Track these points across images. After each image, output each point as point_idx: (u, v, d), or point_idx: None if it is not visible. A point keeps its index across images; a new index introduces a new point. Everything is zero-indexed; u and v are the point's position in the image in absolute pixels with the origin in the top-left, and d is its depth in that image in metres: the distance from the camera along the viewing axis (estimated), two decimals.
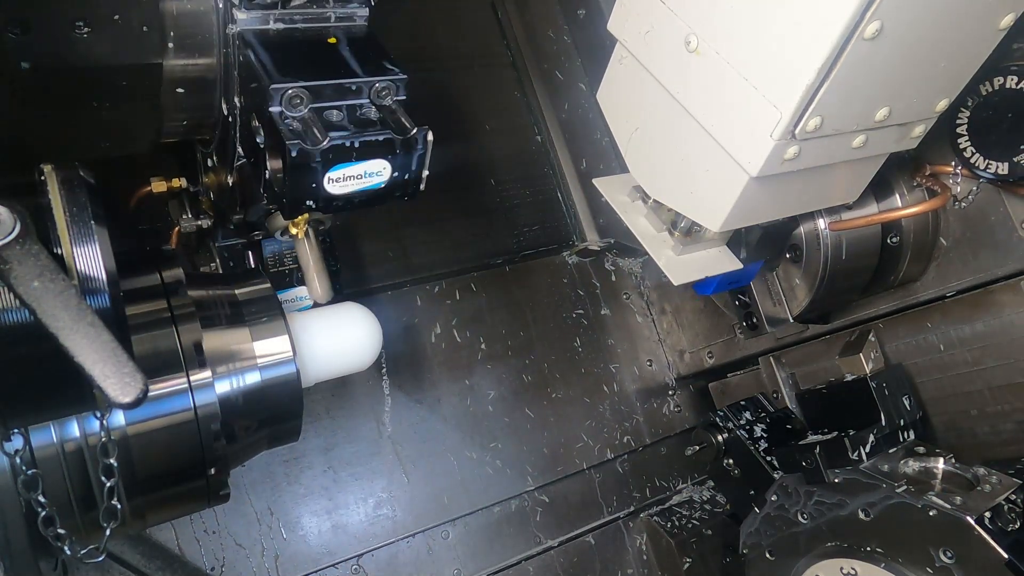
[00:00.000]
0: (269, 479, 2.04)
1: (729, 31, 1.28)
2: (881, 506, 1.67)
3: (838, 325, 2.16)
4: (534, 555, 2.28)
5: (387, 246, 2.34)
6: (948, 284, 1.81)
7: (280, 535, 2.01)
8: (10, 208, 0.91)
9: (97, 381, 0.87)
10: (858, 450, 1.77)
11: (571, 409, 2.44)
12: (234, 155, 1.39)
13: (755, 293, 1.98)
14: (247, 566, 1.96)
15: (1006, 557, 1.47)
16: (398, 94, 1.26)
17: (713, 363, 2.49)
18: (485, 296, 2.42)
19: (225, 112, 1.36)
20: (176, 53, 1.25)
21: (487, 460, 2.28)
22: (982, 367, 1.84)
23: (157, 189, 1.71)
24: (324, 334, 1.47)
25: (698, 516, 2.42)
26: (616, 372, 2.55)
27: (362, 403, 2.19)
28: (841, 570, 1.77)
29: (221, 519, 1.96)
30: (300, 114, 1.17)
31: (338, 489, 2.11)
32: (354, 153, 1.19)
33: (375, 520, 2.13)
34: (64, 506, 1.17)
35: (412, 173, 1.28)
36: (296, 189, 1.19)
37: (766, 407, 2.26)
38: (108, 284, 1.00)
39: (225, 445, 1.30)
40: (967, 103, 1.62)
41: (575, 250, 2.61)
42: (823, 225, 1.80)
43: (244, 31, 1.22)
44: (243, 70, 1.25)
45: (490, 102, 2.62)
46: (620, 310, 2.63)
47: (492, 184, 2.56)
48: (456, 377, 2.31)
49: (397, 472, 2.18)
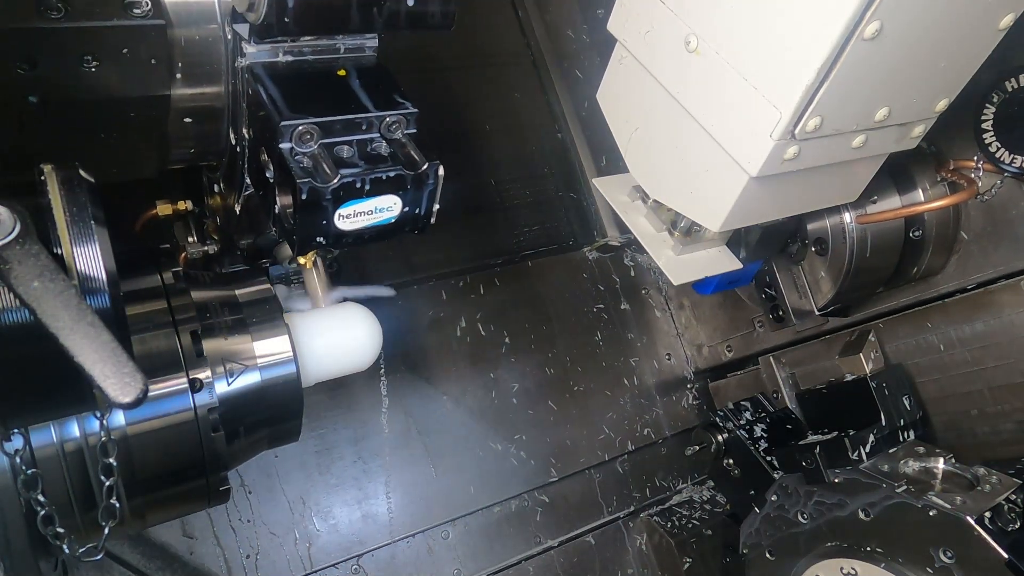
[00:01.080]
0: (301, 469, 2.09)
1: (729, 31, 1.28)
2: (881, 506, 1.67)
3: (838, 325, 2.16)
4: (534, 555, 2.28)
5: (403, 244, 2.38)
6: (969, 277, 1.83)
7: (312, 524, 2.06)
8: (10, 208, 0.91)
9: (97, 381, 0.87)
10: (858, 450, 1.77)
11: (592, 402, 2.49)
12: (242, 183, 1.38)
13: (781, 286, 2.00)
14: (280, 555, 2.01)
15: (1006, 557, 1.47)
16: (408, 127, 1.24)
17: (732, 356, 2.52)
18: (509, 291, 2.47)
19: (233, 142, 1.35)
20: (184, 83, 1.24)
21: (512, 451, 2.33)
22: (982, 367, 1.84)
23: (163, 212, 1.70)
24: (324, 334, 1.46)
25: (698, 516, 2.42)
26: (636, 366, 2.59)
27: (389, 396, 2.23)
28: (841, 570, 1.77)
29: (255, 508, 2.01)
30: (310, 150, 1.16)
31: (368, 480, 2.16)
32: (365, 189, 1.18)
33: (405, 507, 2.18)
34: (64, 506, 1.17)
35: (423, 207, 1.26)
36: (306, 226, 1.18)
37: (766, 407, 2.26)
38: (108, 284, 1.00)
39: (225, 445, 1.30)
40: (992, 99, 1.66)
41: (595, 246, 2.64)
42: (849, 219, 1.81)
43: (253, 64, 1.22)
44: (252, 103, 1.24)
45: (510, 100, 2.67)
46: (639, 305, 2.67)
47: (511, 180, 2.59)
48: (481, 370, 2.37)
49: (424, 463, 2.22)
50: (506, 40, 2.70)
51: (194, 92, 1.27)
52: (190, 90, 1.26)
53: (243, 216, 1.48)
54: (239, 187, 1.40)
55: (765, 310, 2.08)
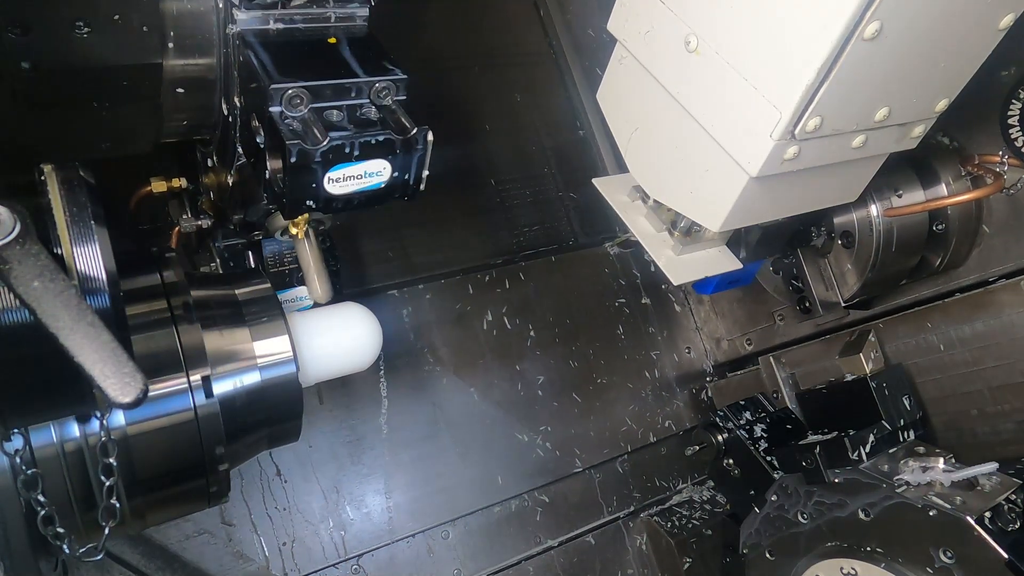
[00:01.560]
0: (334, 459, 2.14)
1: (729, 31, 1.28)
2: (881, 506, 1.67)
3: (838, 325, 2.16)
4: (534, 555, 2.28)
5: (430, 237, 2.43)
6: (989, 270, 1.85)
7: (346, 512, 2.12)
8: (10, 208, 0.91)
9: (97, 381, 0.87)
10: (858, 450, 1.77)
11: (615, 394, 2.53)
12: (234, 155, 1.39)
13: (809, 278, 2.02)
14: (316, 542, 2.06)
15: (1006, 557, 1.47)
16: (398, 94, 1.25)
17: (752, 350, 2.55)
18: (533, 285, 2.53)
19: (225, 112, 1.35)
20: (176, 53, 1.24)
21: (538, 443, 2.38)
22: (982, 367, 1.84)
23: (157, 189, 1.71)
24: (324, 334, 1.47)
25: (698, 516, 2.42)
26: (657, 359, 2.65)
27: (420, 387, 2.29)
28: (841, 570, 1.77)
29: (291, 496, 2.07)
30: (300, 114, 1.17)
31: (397, 468, 2.20)
32: (354, 153, 1.19)
33: (438, 492, 2.22)
34: (64, 506, 1.17)
35: (412, 173, 1.27)
36: (296, 189, 1.19)
37: (766, 407, 2.26)
38: (108, 284, 1.00)
39: (225, 445, 1.29)
40: (1020, 95, 1.69)
41: (617, 241, 2.69)
42: (876, 212, 1.83)
43: (244, 31, 1.22)
44: (243, 70, 1.24)
45: (533, 96, 2.72)
46: (659, 299, 2.73)
47: (532, 176, 2.64)
48: (507, 363, 2.42)
49: (451, 453, 2.27)
50: (528, 38, 2.78)
51: (186, 62, 1.26)
52: (182, 60, 1.26)
53: (235, 189, 1.48)
54: (231, 160, 1.41)
55: (792, 302, 2.11)
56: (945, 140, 1.88)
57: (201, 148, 1.58)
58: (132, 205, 1.73)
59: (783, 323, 2.40)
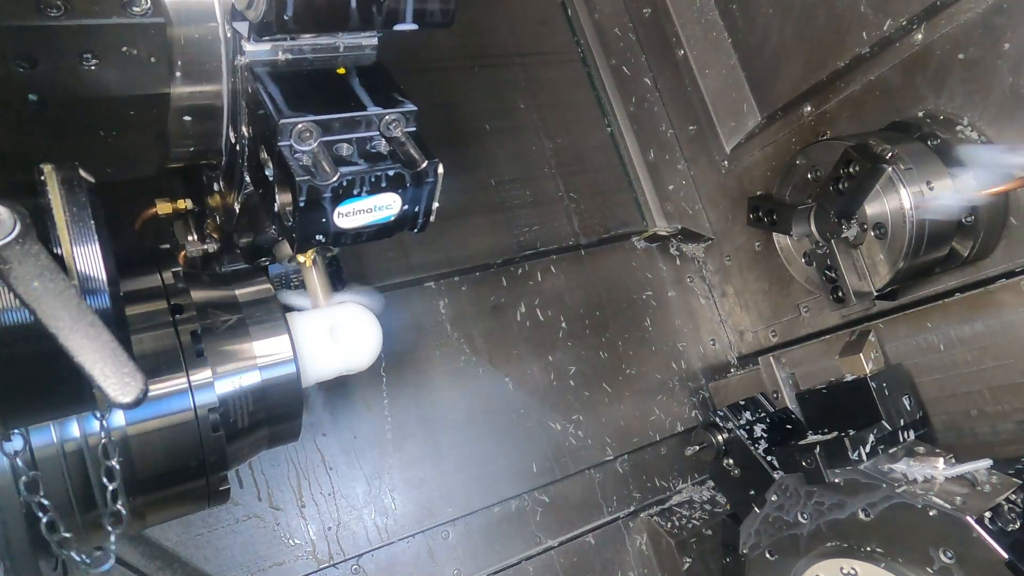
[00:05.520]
0: (377, 447, 2.18)
1: None
2: (881, 506, 1.67)
3: (838, 325, 2.16)
4: (534, 555, 2.28)
5: (467, 231, 2.45)
6: (1016, 261, 1.83)
7: (389, 498, 2.16)
8: (10, 208, 0.91)
9: (97, 381, 0.87)
10: (858, 450, 1.77)
11: (644, 384, 2.59)
12: (241, 182, 1.38)
13: (842, 268, 2.04)
14: (360, 527, 2.11)
15: (1006, 557, 1.47)
16: (408, 125, 1.24)
17: (777, 341, 2.57)
18: (564, 278, 2.58)
19: (232, 140, 1.35)
20: (183, 81, 1.24)
21: (570, 431, 2.43)
22: (982, 367, 1.84)
23: (163, 211, 1.69)
24: (324, 334, 1.46)
25: (698, 516, 2.42)
26: (683, 351, 2.71)
27: (450, 377, 2.34)
28: (841, 570, 1.77)
29: (335, 483, 2.12)
30: (309, 148, 1.16)
31: (439, 457, 2.24)
32: (365, 188, 1.18)
33: (473, 479, 2.27)
34: (64, 506, 1.17)
35: (422, 206, 1.26)
36: (306, 225, 1.17)
37: (766, 407, 2.26)
38: (108, 284, 1.00)
39: (225, 445, 1.29)
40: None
41: (644, 236, 2.74)
42: (909, 204, 1.83)
43: (252, 62, 1.21)
44: (251, 101, 1.23)
45: (561, 96, 2.76)
46: (684, 292, 2.78)
47: (564, 172, 2.68)
48: (540, 353, 2.47)
49: (487, 440, 2.31)
50: (557, 39, 2.82)
51: (193, 90, 1.26)
52: (189, 88, 1.26)
53: (242, 215, 1.48)
54: (238, 186, 1.40)
55: (825, 291, 2.11)
56: (974, 135, 1.87)
57: (208, 171, 1.57)
58: (137, 227, 1.72)
59: (808, 314, 2.41)
